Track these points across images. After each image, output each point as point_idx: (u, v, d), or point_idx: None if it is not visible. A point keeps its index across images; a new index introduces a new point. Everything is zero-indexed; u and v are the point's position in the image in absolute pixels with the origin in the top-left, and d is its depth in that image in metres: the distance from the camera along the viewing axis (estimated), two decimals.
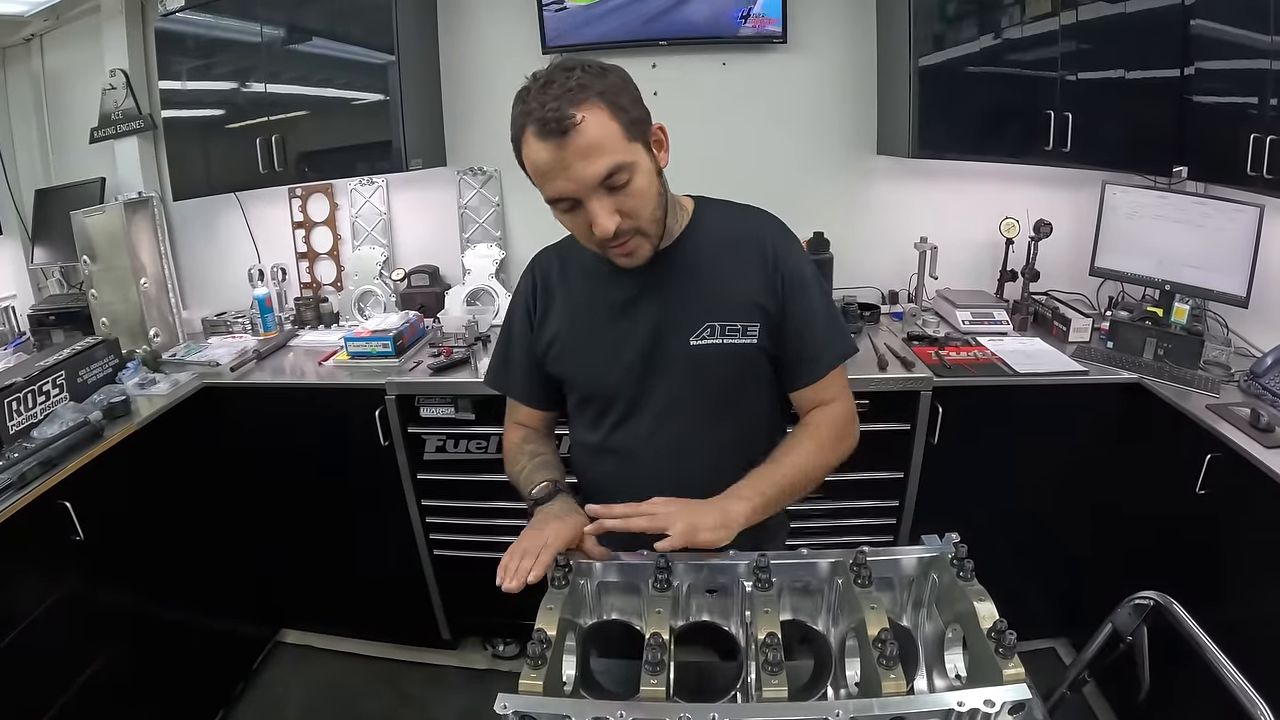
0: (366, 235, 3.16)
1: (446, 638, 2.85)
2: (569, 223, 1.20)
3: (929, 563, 1.08)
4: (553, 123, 1.07)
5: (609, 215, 1.13)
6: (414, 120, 2.73)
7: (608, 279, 1.31)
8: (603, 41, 2.81)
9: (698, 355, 1.29)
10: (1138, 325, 2.50)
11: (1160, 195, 2.56)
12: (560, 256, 1.42)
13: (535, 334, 1.41)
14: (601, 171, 1.10)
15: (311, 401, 2.57)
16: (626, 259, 1.22)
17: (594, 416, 1.40)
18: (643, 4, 2.76)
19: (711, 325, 1.28)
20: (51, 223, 3.07)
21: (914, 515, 2.46)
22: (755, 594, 1.03)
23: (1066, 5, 2.41)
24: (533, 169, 1.14)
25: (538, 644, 0.91)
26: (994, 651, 0.88)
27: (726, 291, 1.29)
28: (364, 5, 2.65)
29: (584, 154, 1.09)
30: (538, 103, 1.09)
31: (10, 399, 2.11)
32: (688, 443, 1.33)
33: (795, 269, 1.32)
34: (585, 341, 1.35)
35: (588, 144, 1.08)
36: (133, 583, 2.22)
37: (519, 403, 1.49)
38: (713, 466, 1.29)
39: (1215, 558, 2.01)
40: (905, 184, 2.94)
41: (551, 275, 1.41)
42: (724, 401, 1.33)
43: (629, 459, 1.37)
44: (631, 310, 1.31)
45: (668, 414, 1.33)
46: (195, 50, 2.82)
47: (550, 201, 1.16)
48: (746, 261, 1.31)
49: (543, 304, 1.40)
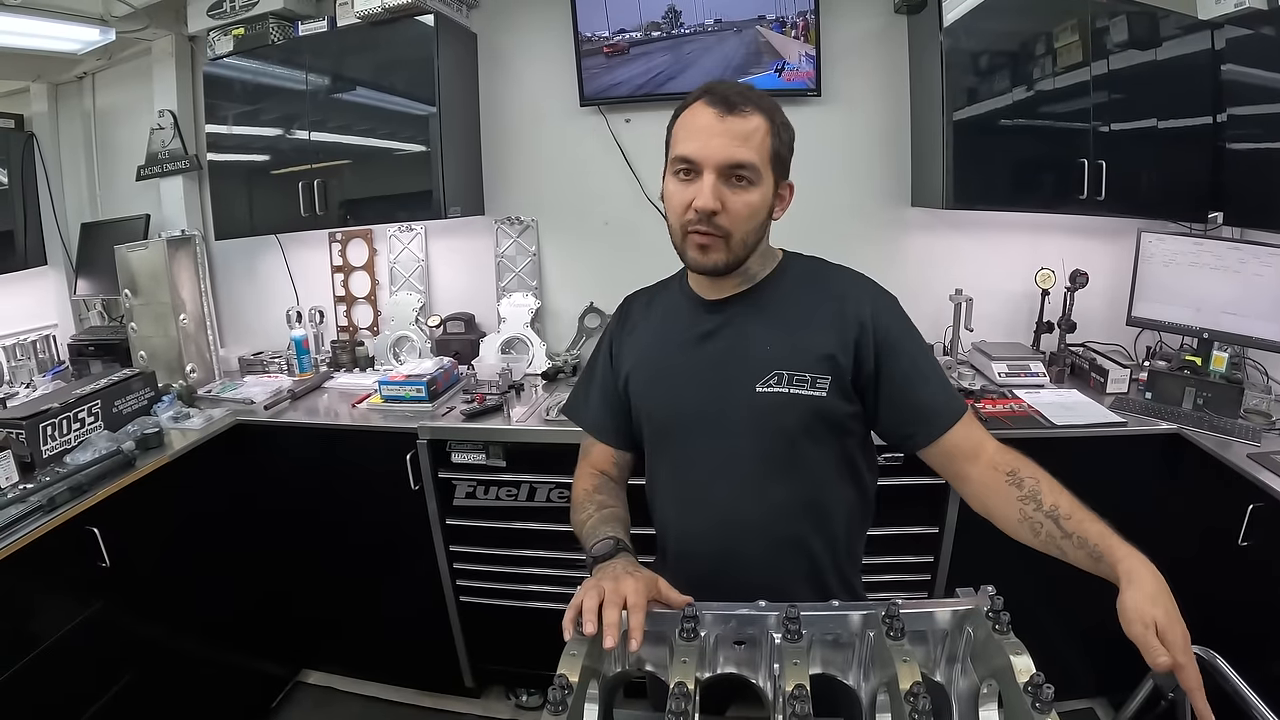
0: (404, 281, 3.21)
1: (470, 685, 2.82)
2: (675, 189, 1.23)
3: (964, 616, 1.05)
4: (728, 99, 1.18)
5: (716, 195, 1.17)
6: (453, 170, 2.79)
7: (687, 313, 1.36)
8: (639, 95, 2.87)
9: (761, 402, 1.26)
10: (1176, 375, 2.45)
11: (1196, 242, 2.53)
12: (650, 294, 1.48)
13: (615, 367, 1.44)
14: (738, 157, 1.17)
15: (343, 443, 2.59)
16: (700, 253, 1.23)
17: (658, 456, 1.40)
18: (679, 58, 2.82)
19: (779, 374, 1.26)
20: (95, 256, 3.19)
21: (949, 571, 2.40)
22: (785, 645, 1.00)
23: (1098, 55, 2.43)
24: (682, 127, 1.22)
25: (559, 689, 0.90)
26: (1030, 706, 0.85)
27: (799, 341, 1.27)
28: (407, 58, 2.73)
29: (734, 135, 1.17)
30: (720, 84, 1.21)
31: (45, 424, 2.17)
32: (745, 488, 1.30)
33: (893, 331, 1.29)
34: (656, 369, 1.37)
35: (742, 131, 1.17)
36: (155, 613, 2.24)
37: (590, 435, 1.49)
38: (767, 514, 1.28)
39: (1260, 610, 1.94)
40: (940, 236, 2.94)
41: (636, 309, 1.47)
42: (784, 451, 1.29)
43: (690, 506, 1.35)
44: (703, 345, 1.32)
45: (727, 456, 1.30)
46: (242, 95, 2.92)
47: (676, 160, 1.21)
48: (824, 315, 1.29)
49: (624, 337, 1.44)
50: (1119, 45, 2.44)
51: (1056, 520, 1.17)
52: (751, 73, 2.78)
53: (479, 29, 3.00)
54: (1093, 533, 1.13)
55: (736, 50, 2.81)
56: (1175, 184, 2.53)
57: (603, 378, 1.46)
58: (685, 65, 2.84)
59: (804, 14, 2.72)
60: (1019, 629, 0.98)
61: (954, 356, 2.85)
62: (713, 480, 1.31)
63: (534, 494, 2.46)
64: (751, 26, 2.78)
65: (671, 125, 1.25)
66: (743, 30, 2.78)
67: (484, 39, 3.01)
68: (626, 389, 1.40)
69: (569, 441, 2.35)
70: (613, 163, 3.00)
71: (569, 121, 3.00)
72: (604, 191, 3.05)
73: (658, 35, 2.83)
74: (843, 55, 2.82)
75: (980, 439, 1.28)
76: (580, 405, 1.51)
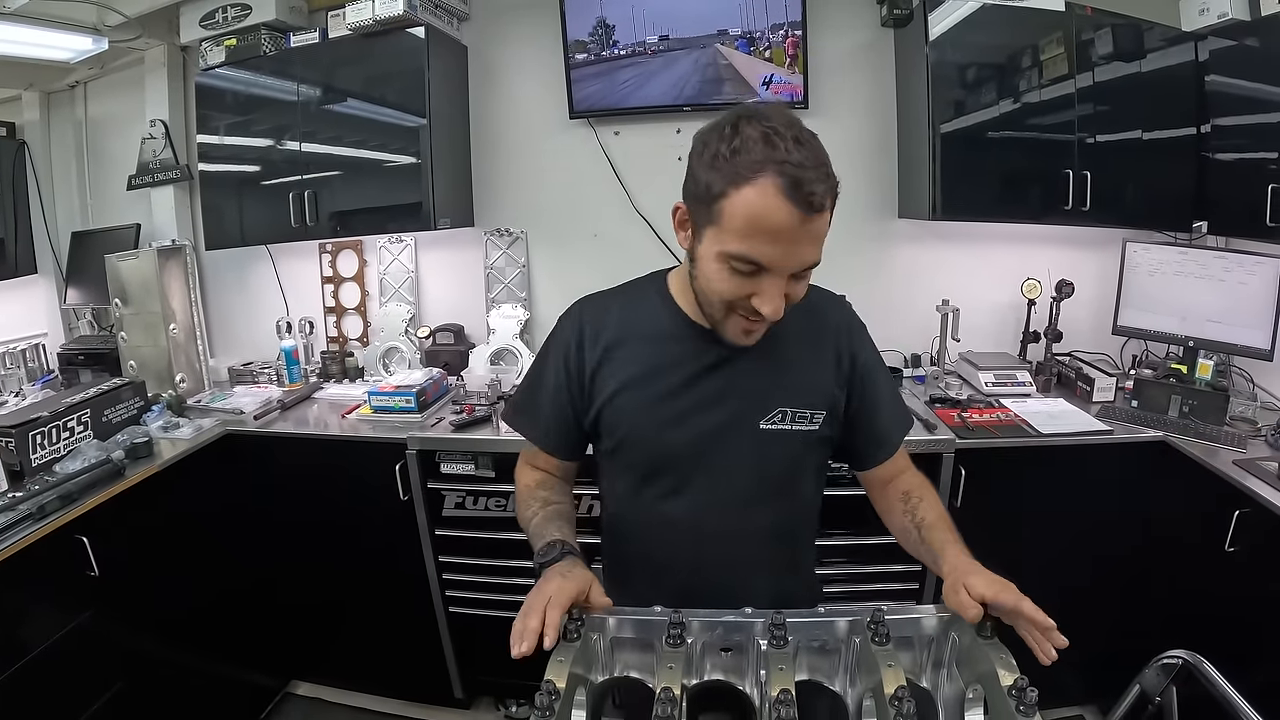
0: (394, 292, 3.22)
1: (459, 696, 2.80)
2: (728, 278, 1.08)
3: (949, 622, 1.06)
4: (811, 194, 1.00)
5: (781, 296, 1.08)
6: (443, 182, 2.80)
7: (682, 344, 1.27)
8: (628, 107, 2.89)
9: (764, 439, 1.25)
10: (1162, 383, 2.47)
11: (1181, 251, 2.57)
12: (618, 305, 1.36)
13: (577, 389, 1.33)
14: (815, 260, 1.08)
15: (333, 453, 2.58)
16: (744, 336, 1.17)
17: (637, 483, 1.33)
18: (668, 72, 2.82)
19: (784, 410, 1.25)
20: (86, 265, 3.19)
21: (937, 580, 2.41)
22: (770, 651, 1.01)
23: (1082, 67, 2.46)
24: (748, 218, 1.03)
25: (546, 695, 0.90)
26: (1015, 709, 0.85)
27: (801, 376, 1.27)
28: (398, 70, 2.74)
29: (814, 238, 1.05)
30: (795, 158, 1.00)
31: (35, 433, 2.16)
32: (736, 523, 1.29)
33: (867, 360, 1.33)
34: (649, 406, 1.27)
35: (819, 230, 1.05)
36: (144, 622, 2.22)
37: (536, 447, 1.42)
38: (758, 549, 1.29)
39: (1247, 616, 1.96)
40: (926, 247, 2.96)
41: (608, 330, 1.32)
42: (779, 486, 1.30)
43: (672, 534, 1.31)
44: (703, 381, 1.26)
45: (721, 492, 1.28)
46: (233, 106, 2.93)
47: (738, 258, 1.05)
48: (823, 349, 1.30)
49: (594, 358, 1.31)
50: (1104, 57, 2.48)
51: (920, 529, 1.28)
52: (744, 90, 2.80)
53: (469, 41, 3.01)
54: (937, 541, 1.23)
55: (689, 75, 2.80)
56: (1160, 194, 2.56)
57: (556, 391, 1.34)
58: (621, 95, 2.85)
59: (782, 28, 2.72)
60: (1007, 638, 0.99)
61: (940, 366, 2.87)
62: (705, 510, 1.29)
63: None
64: (710, 45, 2.77)
65: (720, 191, 1.04)
66: (696, 51, 2.78)
67: (474, 51, 3.03)
68: (602, 410, 1.31)
69: None
70: (602, 175, 3.02)
71: (558, 133, 3.01)
72: (593, 203, 3.06)
73: (583, 58, 2.84)
74: (830, 68, 2.85)
75: (905, 464, 1.40)
76: (528, 417, 1.41)
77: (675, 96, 2.85)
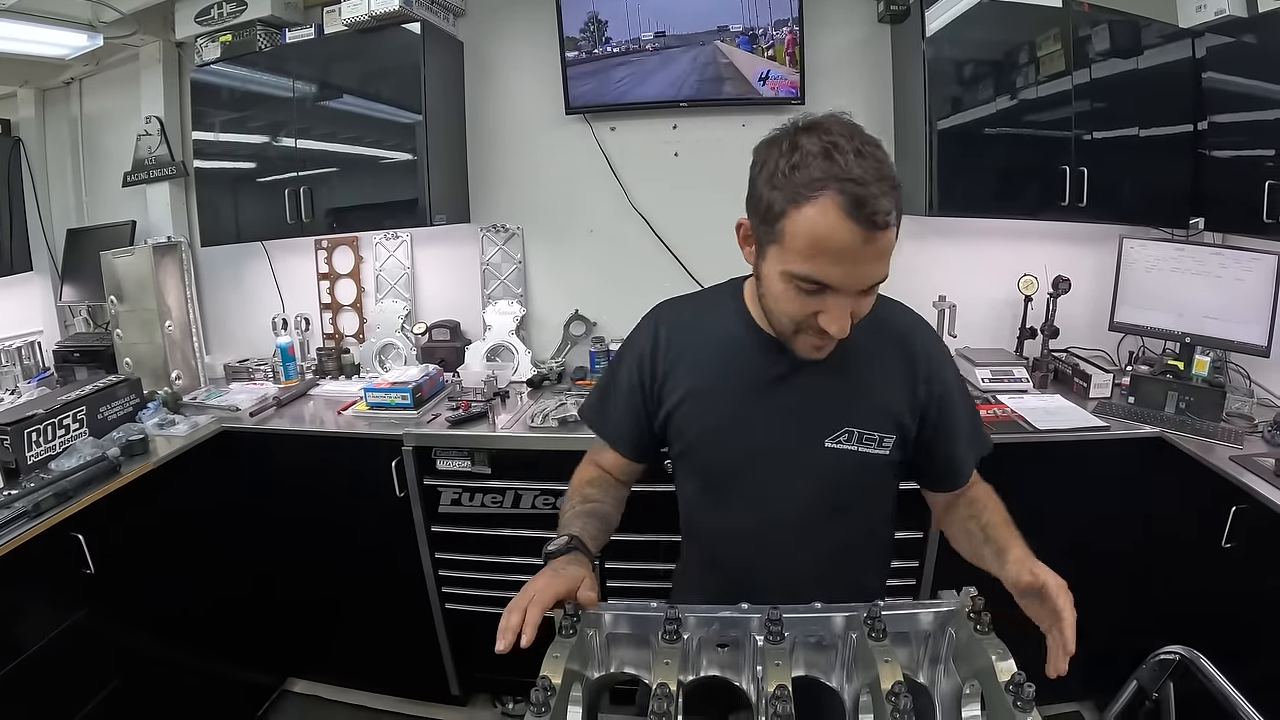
0: (390, 289, 3.21)
1: (456, 693, 2.80)
2: (793, 297, 1.07)
3: (946, 617, 1.06)
4: (873, 214, 0.97)
5: (847, 316, 1.06)
6: (439, 178, 2.79)
7: (753, 355, 1.26)
8: (625, 103, 2.88)
9: (828, 458, 1.24)
10: (1159, 379, 2.48)
11: (1178, 248, 2.57)
12: (692, 311, 1.37)
13: (649, 392, 1.35)
14: (883, 276, 1.05)
15: (329, 449, 2.58)
16: (815, 351, 1.15)
17: (703, 488, 1.36)
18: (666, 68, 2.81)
19: (850, 431, 1.24)
20: (81, 262, 3.18)
21: (933, 577, 2.41)
22: (767, 647, 1.01)
23: (1079, 64, 2.45)
24: (815, 241, 1.00)
25: (541, 690, 0.89)
26: (1012, 704, 0.85)
27: (870, 397, 1.25)
28: (394, 66, 2.73)
29: (879, 255, 1.02)
30: (856, 172, 0.97)
31: (30, 430, 2.15)
32: (794, 538, 1.29)
33: (944, 382, 1.29)
34: (715, 415, 1.28)
35: (885, 246, 1.01)
36: (140, 620, 2.22)
37: (607, 444, 1.43)
38: (814, 567, 1.28)
39: (1244, 611, 1.96)
40: (923, 243, 2.95)
41: (682, 334, 1.33)
42: (843, 505, 1.29)
43: (733, 542, 1.33)
44: (771, 394, 1.25)
45: (781, 506, 1.28)
46: (229, 102, 2.92)
47: (803, 279, 1.04)
48: (894, 369, 1.26)
49: (667, 363, 1.32)
50: (1101, 54, 2.47)
51: (985, 529, 1.24)
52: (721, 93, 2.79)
53: (465, 37, 3.00)
54: (1003, 537, 1.19)
55: (688, 74, 2.78)
56: (1157, 190, 2.56)
57: (630, 392, 1.36)
58: (618, 93, 2.83)
59: (786, 24, 2.71)
60: (1004, 636, 0.98)
61: None
62: (763, 522, 1.30)
63: (519, 501, 2.45)
64: (709, 42, 2.76)
65: (781, 210, 1.02)
66: (695, 48, 2.76)
67: (470, 47, 3.01)
68: (671, 413, 1.32)
69: (554, 449, 2.37)
70: (598, 171, 3.01)
71: (554, 129, 3.00)
72: (589, 199, 3.05)
73: (574, 56, 2.82)
74: (826, 64, 2.84)
75: (974, 479, 1.38)
76: (602, 415, 1.43)
77: (673, 95, 2.84)
